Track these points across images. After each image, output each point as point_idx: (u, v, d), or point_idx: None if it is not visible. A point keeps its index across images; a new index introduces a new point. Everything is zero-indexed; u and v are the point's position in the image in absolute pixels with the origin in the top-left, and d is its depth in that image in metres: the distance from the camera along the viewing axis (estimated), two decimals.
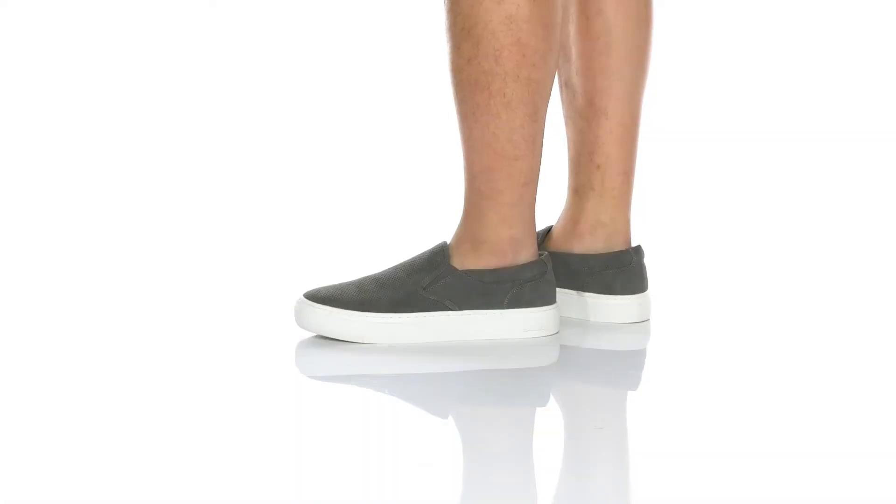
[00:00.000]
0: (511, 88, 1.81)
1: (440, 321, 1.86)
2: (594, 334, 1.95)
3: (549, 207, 2.03)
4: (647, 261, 2.01)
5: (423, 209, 2.75)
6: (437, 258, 1.86)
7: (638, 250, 2.00)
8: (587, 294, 1.99)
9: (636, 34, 1.97)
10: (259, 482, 1.39)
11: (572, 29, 1.97)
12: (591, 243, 2.00)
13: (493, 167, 1.83)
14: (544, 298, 1.88)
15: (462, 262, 1.87)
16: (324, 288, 1.88)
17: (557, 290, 1.96)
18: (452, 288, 1.86)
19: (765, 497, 1.36)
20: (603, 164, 1.98)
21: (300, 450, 1.50)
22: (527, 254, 1.87)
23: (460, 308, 1.86)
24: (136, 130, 3.27)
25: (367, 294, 1.86)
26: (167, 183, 3.01)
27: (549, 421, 1.64)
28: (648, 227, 2.22)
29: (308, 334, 1.88)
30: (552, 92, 1.85)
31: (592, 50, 1.96)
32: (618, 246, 1.99)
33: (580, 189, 2.00)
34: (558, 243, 2.01)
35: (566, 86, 1.99)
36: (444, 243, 1.88)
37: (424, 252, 1.88)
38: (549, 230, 2.03)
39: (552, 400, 1.73)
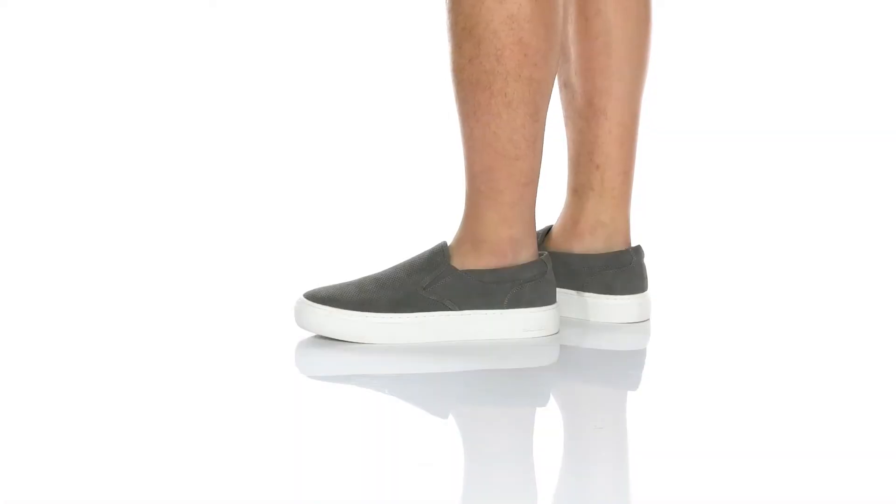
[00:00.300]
0: (512, 88, 1.80)
1: (440, 321, 1.86)
2: (594, 334, 1.95)
3: (549, 207, 2.03)
4: (647, 261, 2.01)
5: (423, 209, 2.75)
6: (437, 258, 1.86)
7: (638, 250, 2.00)
8: (587, 294, 1.99)
9: (636, 34, 1.96)
10: (259, 482, 1.39)
11: (571, 29, 1.96)
12: (590, 243, 2.00)
13: (494, 167, 1.83)
14: (544, 298, 1.88)
15: (462, 261, 1.87)
16: (324, 288, 1.88)
17: (557, 290, 1.96)
18: (452, 288, 1.86)
19: (765, 497, 1.36)
20: (602, 164, 1.98)
21: (300, 450, 1.49)
22: (527, 254, 1.87)
23: (460, 308, 1.86)
24: (135, 130, 3.26)
25: (367, 294, 1.86)
26: (167, 183, 3.01)
27: (549, 421, 1.64)
28: (648, 227, 2.22)
29: (308, 334, 1.88)
30: (552, 92, 1.85)
31: (592, 50, 1.96)
32: (618, 246, 1.99)
33: (580, 189, 2.00)
34: (558, 243, 2.01)
35: (565, 86, 1.99)
36: (444, 243, 1.88)
37: (424, 252, 1.88)
38: (548, 230, 2.03)
39: (552, 400, 1.73)
